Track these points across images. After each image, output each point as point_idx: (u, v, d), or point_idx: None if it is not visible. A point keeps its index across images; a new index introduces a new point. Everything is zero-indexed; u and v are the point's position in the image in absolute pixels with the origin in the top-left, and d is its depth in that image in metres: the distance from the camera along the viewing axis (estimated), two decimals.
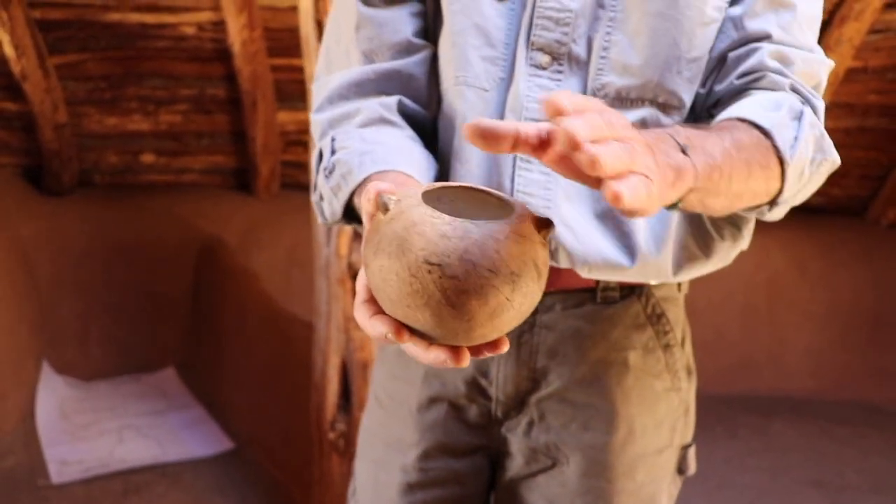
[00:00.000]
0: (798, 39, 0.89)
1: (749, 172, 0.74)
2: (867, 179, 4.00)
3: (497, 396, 0.99)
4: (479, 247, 0.56)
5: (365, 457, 1.10)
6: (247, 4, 3.04)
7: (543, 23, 0.89)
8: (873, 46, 3.35)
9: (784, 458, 3.30)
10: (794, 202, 0.84)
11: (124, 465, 2.89)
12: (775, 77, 0.86)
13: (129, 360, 3.62)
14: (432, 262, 0.55)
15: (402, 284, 0.56)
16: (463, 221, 0.57)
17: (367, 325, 0.61)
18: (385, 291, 0.58)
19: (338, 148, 0.88)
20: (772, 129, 0.77)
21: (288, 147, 3.74)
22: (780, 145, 0.77)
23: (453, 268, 0.55)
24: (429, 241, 0.56)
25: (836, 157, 0.86)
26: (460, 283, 0.55)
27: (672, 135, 0.66)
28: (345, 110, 0.93)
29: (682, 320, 1.02)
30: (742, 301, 3.93)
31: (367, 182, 0.81)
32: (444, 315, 0.56)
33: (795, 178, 0.80)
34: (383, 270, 0.57)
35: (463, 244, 0.56)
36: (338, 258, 2.11)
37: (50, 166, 3.58)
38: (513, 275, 0.56)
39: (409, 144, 0.89)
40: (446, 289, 0.55)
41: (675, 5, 0.87)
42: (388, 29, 0.94)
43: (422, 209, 0.58)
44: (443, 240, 0.56)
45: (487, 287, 0.56)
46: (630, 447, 0.98)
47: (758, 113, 0.79)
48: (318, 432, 2.28)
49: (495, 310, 0.57)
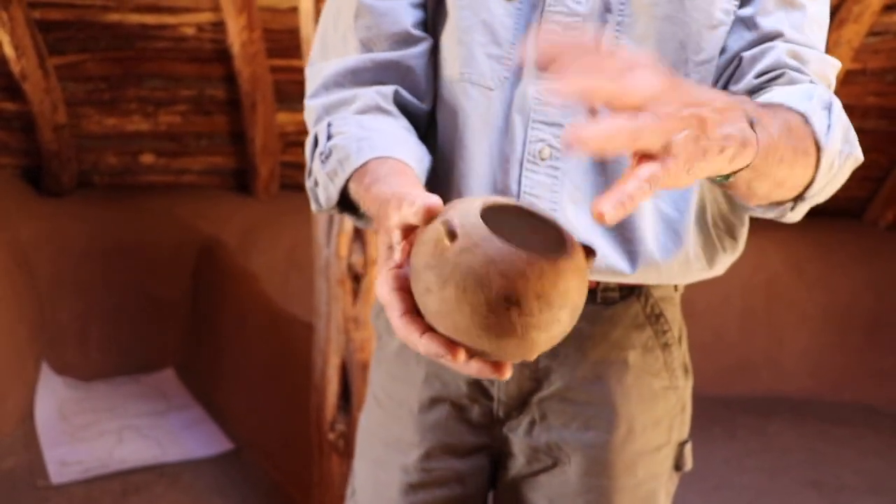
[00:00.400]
0: (810, 39, 0.89)
1: (794, 158, 0.72)
2: (865, 181, 4.01)
3: (499, 396, 1.00)
4: (553, 286, 0.59)
5: (364, 457, 1.10)
6: (246, 5, 3.04)
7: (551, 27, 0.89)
8: (872, 48, 3.36)
9: (782, 458, 3.31)
10: (817, 199, 0.81)
11: (124, 465, 2.89)
12: (794, 74, 0.85)
13: (128, 361, 3.62)
14: (511, 300, 0.58)
15: (477, 317, 0.59)
16: (538, 259, 0.59)
17: (418, 343, 0.62)
18: (452, 319, 0.60)
19: (334, 133, 0.88)
20: (808, 114, 0.75)
21: (287, 148, 3.75)
22: (818, 130, 0.75)
23: (531, 306, 0.58)
24: (508, 279, 0.58)
25: (860, 152, 0.83)
26: (534, 321, 0.59)
27: (742, 104, 0.64)
28: (341, 97, 0.93)
29: (679, 319, 1.03)
30: (740, 303, 3.94)
31: (366, 168, 0.81)
32: (509, 345, 0.60)
33: (827, 168, 0.77)
34: (453, 301, 0.59)
35: (540, 284, 0.59)
36: (338, 259, 2.11)
37: (49, 167, 3.58)
38: (574, 307, 0.61)
39: (404, 135, 0.89)
40: (522, 326, 0.59)
41: (682, 9, 0.87)
42: (387, 19, 0.94)
43: (496, 244, 0.59)
44: (521, 280, 0.58)
45: (553, 322, 0.60)
46: (630, 445, 0.99)
47: (793, 99, 0.77)
48: (318, 433, 2.28)
49: (554, 337, 0.62)
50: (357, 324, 2.13)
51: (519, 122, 0.90)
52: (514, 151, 0.91)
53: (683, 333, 1.04)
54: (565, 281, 0.60)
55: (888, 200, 4.00)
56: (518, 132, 0.90)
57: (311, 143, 0.92)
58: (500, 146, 0.91)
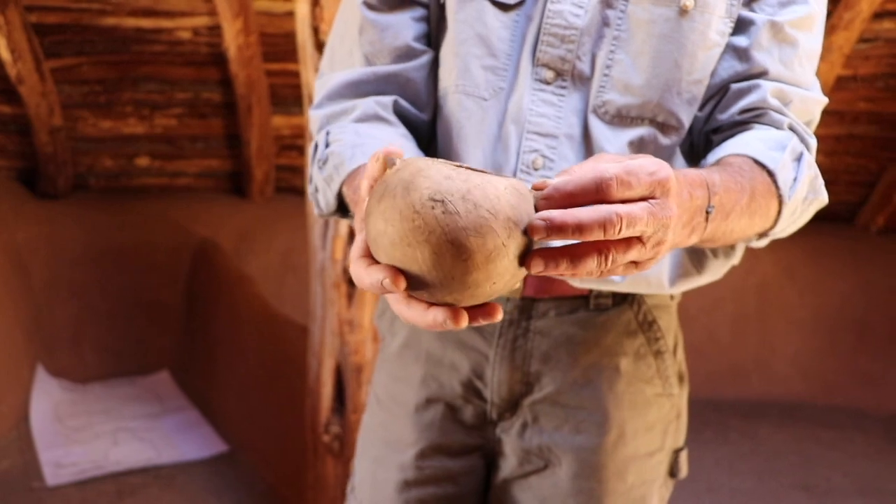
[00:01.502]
0: (797, 75, 0.92)
1: (751, 221, 0.79)
2: (856, 186, 4.04)
3: (492, 399, 1.02)
4: (481, 190, 0.59)
5: (364, 455, 1.13)
6: (243, 10, 3.06)
7: (549, 39, 0.91)
8: (863, 55, 3.39)
9: (773, 461, 3.34)
10: (781, 236, 0.89)
11: (118, 467, 2.90)
12: (775, 116, 0.90)
13: (123, 363, 3.62)
14: (436, 198, 0.58)
15: (405, 222, 0.59)
16: (466, 169, 0.61)
17: (364, 274, 0.60)
18: (387, 234, 0.60)
19: (332, 140, 0.91)
20: (776, 171, 0.82)
21: (282, 151, 3.76)
22: (781, 185, 0.82)
23: (456, 204, 0.58)
24: (434, 181, 0.59)
25: (825, 196, 0.91)
26: (461, 220, 0.58)
27: (710, 194, 0.71)
28: (342, 107, 0.96)
29: (674, 327, 1.04)
30: (732, 307, 3.96)
31: (356, 172, 0.84)
32: (442, 252, 0.58)
33: (788, 215, 0.85)
34: (387, 211, 0.60)
35: (466, 185, 0.59)
36: (333, 262, 2.13)
37: (45, 170, 3.59)
38: (509, 221, 0.59)
39: (401, 141, 0.91)
40: (447, 224, 0.58)
41: (678, 28, 0.89)
42: (389, 33, 0.96)
43: (427, 160, 0.62)
44: (447, 181, 0.59)
45: (486, 227, 0.58)
46: (621, 450, 1.00)
47: (763, 152, 0.83)
48: (313, 435, 2.30)
49: (492, 252, 0.59)
50: (352, 327, 2.15)
51: (513, 132, 0.92)
52: (507, 161, 0.93)
53: (679, 341, 1.06)
54: (497, 191, 0.59)
55: (879, 205, 4.03)
56: (512, 142, 0.92)
57: (312, 151, 0.95)
58: (494, 155, 0.93)
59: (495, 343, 1.00)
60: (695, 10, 0.89)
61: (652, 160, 0.60)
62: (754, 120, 0.91)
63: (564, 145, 0.91)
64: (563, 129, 0.91)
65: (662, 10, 0.89)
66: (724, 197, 0.73)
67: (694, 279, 0.97)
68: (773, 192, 0.82)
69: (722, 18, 0.91)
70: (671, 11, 0.89)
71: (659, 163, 0.60)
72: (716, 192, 0.72)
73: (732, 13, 0.91)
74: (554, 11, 0.90)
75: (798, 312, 4.00)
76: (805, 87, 0.94)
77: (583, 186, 0.57)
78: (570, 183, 0.57)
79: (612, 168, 0.57)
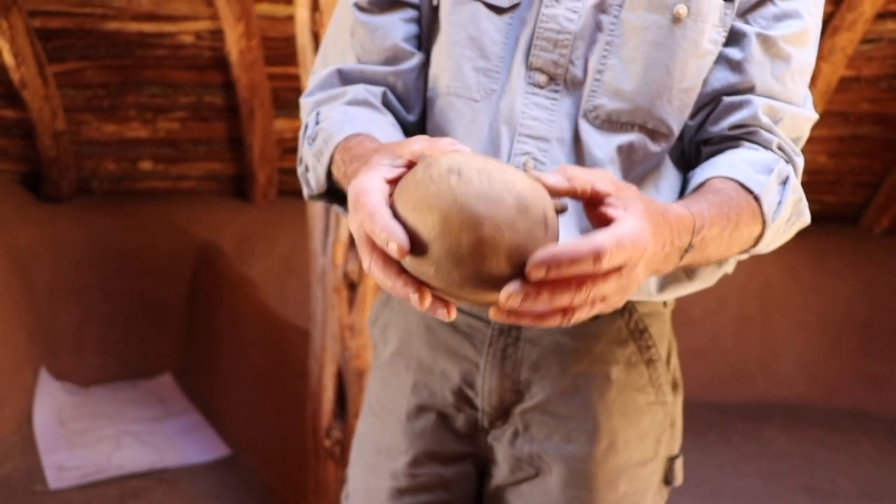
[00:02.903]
0: (789, 91, 0.93)
1: (729, 248, 0.82)
2: (860, 187, 4.03)
3: (483, 407, 1.02)
4: (499, 169, 0.63)
5: (358, 462, 1.13)
6: (245, 14, 3.06)
7: (542, 43, 0.91)
8: (866, 56, 3.38)
9: (776, 464, 3.32)
10: (763, 252, 0.91)
11: (121, 471, 2.90)
12: (765, 134, 0.91)
13: (126, 367, 3.63)
14: (453, 170, 0.62)
15: (421, 188, 0.62)
16: (487, 158, 0.65)
17: (378, 227, 0.63)
18: (407, 194, 0.64)
19: (321, 119, 0.92)
20: (761, 196, 0.84)
21: (285, 154, 3.76)
22: (766, 210, 0.84)
23: (471, 174, 0.62)
24: (454, 160, 0.63)
25: (808, 218, 0.93)
26: (474, 188, 0.61)
27: (695, 234, 0.74)
28: (332, 93, 0.96)
29: (667, 335, 1.04)
30: (735, 309, 3.95)
31: (346, 143, 0.84)
32: (451, 217, 0.61)
33: (770, 235, 0.87)
34: (410, 183, 0.64)
35: (483, 163, 0.63)
36: (334, 267, 2.13)
37: (48, 173, 3.60)
38: (521, 198, 0.62)
39: (389, 128, 0.91)
40: (461, 193, 0.61)
41: (671, 36, 0.89)
42: (379, 34, 0.97)
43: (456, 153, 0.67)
44: (465, 157, 0.64)
45: (499, 201, 0.61)
46: (612, 459, 1.00)
47: (750, 176, 0.85)
48: (314, 440, 2.30)
49: (501, 225, 0.61)
50: (353, 332, 2.15)
51: (505, 133, 0.92)
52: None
53: (673, 349, 1.05)
54: (514, 176, 0.63)
55: (883, 207, 4.02)
56: (504, 144, 0.92)
57: (302, 132, 0.96)
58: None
59: (485, 352, 1.00)
60: (688, 18, 0.89)
61: (639, 228, 0.64)
62: (744, 136, 0.91)
63: (556, 148, 0.91)
64: (554, 133, 0.91)
65: (656, 17, 0.89)
66: (707, 234, 0.76)
67: (684, 285, 0.97)
68: (757, 217, 0.84)
69: (715, 27, 0.91)
70: (664, 18, 0.89)
71: (642, 230, 0.64)
72: (700, 232, 0.75)
73: (726, 22, 0.91)
74: (548, 16, 0.91)
75: (802, 314, 3.98)
76: (796, 103, 0.94)
77: (580, 257, 0.61)
78: (566, 253, 0.60)
79: (607, 241, 0.61)
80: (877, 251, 4.06)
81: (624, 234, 0.62)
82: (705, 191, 0.83)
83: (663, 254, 0.70)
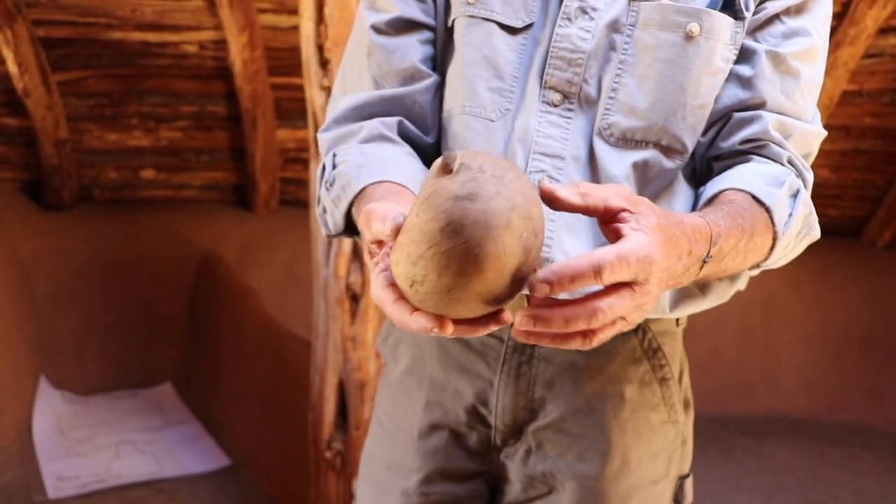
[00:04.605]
0: (799, 107, 0.94)
1: (744, 260, 0.82)
2: (863, 201, 4.03)
3: (496, 425, 1.02)
4: (492, 161, 0.65)
5: (367, 479, 1.13)
6: (248, 24, 3.07)
7: (556, 62, 0.92)
8: (868, 70, 3.39)
9: (778, 478, 3.31)
10: (771, 267, 0.92)
11: (121, 480, 2.89)
12: (776, 149, 0.92)
13: (126, 376, 3.62)
14: (462, 195, 0.63)
15: (426, 236, 0.63)
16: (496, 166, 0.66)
17: (409, 320, 0.66)
18: (411, 251, 0.64)
19: (338, 162, 0.92)
20: (772, 208, 0.84)
21: (287, 164, 3.77)
22: (777, 222, 0.85)
23: (478, 189, 0.62)
24: (449, 211, 0.63)
25: (818, 232, 0.95)
26: (479, 206, 0.62)
27: (712, 245, 0.75)
28: (348, 129, 0.97)
29: (679, 354, 1.04)
30: (737, 322, 3.95)
31: (364, 192, 0.85)
32: (454, 214, 0.61)
33: (781, 249, 0.87)
34: (418, 228, 0.64)
35: (490, 172, 0.64)
36: (336, 279, 2.13)
37: (50, 182, 3.60)
38: (515, 203, 0.63)
39: (406, 159, 0.92)
40: (459, 195, 0.62)
41: (684, 53, 0.90)
42: (396, 56, 0.97)
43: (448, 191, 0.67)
44: (459, 208, 0.63)
45: (496, 197, 0.62)
46: (624, 478, 1.00)
47: (761, 188, 0.86)
48: (315, 451, 2.29)
49: (499, 225, 0.61)
50: (355, 343, 2.14)
51: (520, 151, 0.93)
52: None
53: (685, 368, 1.06)
54: (514, 177, 0.64)
55: (886, 220, 4.02)
56: (519, 162, 0.93)
57: (319, 173, 0.96)
58: None
59: (499, 369, 1.00)
60: (700, 37, 0.90)
61: (645, 242, 0.65)
62: (755, 151, 0.92)
63: (570, 166, 0.92)
64: (569, 151, 0.92)
65: (669, 36, 0.90)
66: (724, 244, 0.77)
67: (698, 302, 0.97)
68: (769, 229, 0.85)
69: (727, 45, 0.91)
70: (677, 37, 0.90)
71: (648, 245, 0.65)
72: (717, 242, 0.75)
73: (737, 40, 0.92)
74: (562, 35, 0.92)
75: (804, 328, 3.98)
76: (806, 120, 0.95)
77: (581, 273, 0.62)
78: (568, 269, 0.62)
79: (608, 255, 0.63)
80: (879, 265, 4.06)
81: (628, 248, 0.64)
82: (719, 202, 0.84)
83: (682, 265, 0.71)
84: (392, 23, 0.98)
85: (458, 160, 0.65)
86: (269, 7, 3.11)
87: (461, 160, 0.65)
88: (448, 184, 0.63)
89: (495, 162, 0.65)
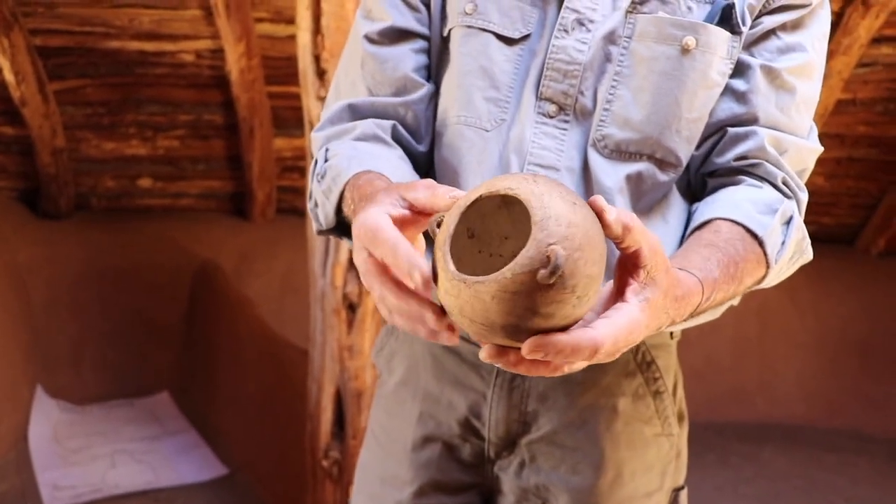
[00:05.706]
0: (794, 122, 0.94)
1: (735, 294, 0.84)
2: (857, 209, 4.05)
3: (489, 437, 1.02)
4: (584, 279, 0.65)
5: (361, 491, 1.12)
6: (245, 33, 3.08)
7: (552, 74, 0.92)
8: (862, 79, 3.41)
9: (775, 485, 3.31)
10: (763, 288, 0.92)
11: (117, 490, 2.89)
12: (770, 168, 0.92)
13: (122, 385, 3.62)
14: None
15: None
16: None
17: (405, 260, 0.64)
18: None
19: (330, 156, 0.92)
20: (764, 238, 0.85)
21: (284, 173, 3.78)
22: (769, 252, 0.86)
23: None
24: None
25: (810, 254, 0.95)
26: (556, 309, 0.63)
27: (704, 299, 0.76)
28: (342, 127, 0.97)
29: (673, 367, 1.04)
30: (733, 330, 3.95)
31: (355, 180, 0.85)
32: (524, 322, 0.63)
33: (774, 275, 0.88)
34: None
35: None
36: (333, 289, 2.13)
37: (47, 190, 3.60)
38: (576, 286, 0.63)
39: (397, 162, 0.92)
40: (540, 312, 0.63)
41: (680, 66, 0.90)
42: (389, 65, 0.98)
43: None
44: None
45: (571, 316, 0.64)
46: (618, 490, 1.00)
47: (753, 218, 0.86)
48: (312, 460, 2.29)
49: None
50: (352, 353, 2.15)
51: (515, 162, 0.93)
52: None
53: (679, 381, 1.06)
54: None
55: (880, 228, 4.04)
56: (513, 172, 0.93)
57: (312, 168, 0.96)
58: None
59: (493, 382, 1.00)
60: (696, 50, 0.90)
61: (636, 321, 0.67)
62: (749, 169, 0.92)
63: (565, 178, 0.92)
64: (564, 162, 0.92)
65: (664, 48, 0.90)
66: (716, 296, 0.79)
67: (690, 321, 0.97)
68: (761, 260, 0.86)
69: (723, 59, 0.92)
70: (673, 50, 0.90)
71: (640, 325, 0.67)
72: (710, 297, 0.78)
73: (733, 55, 0.92)
74: (558, 47, 0.92)
75: (799, 335, 3.99)
76: (801, 135, 0.95)
77: (579, 351, 0.64)
78: (569, 345, 0.63)
79: (606, 340, 0.65)
80: (874, 272, 4.07)
81: (621, 329, 0.66)
82: (712, 243, 0.84)
83: (668, 321, 0.73)
84: (385, 32, 0.98)
85: (560, 269, 0.62)
86: (266, 16, 3.12)
87: (563, 268, 0.62)
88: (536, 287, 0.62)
89: (587, 279, 0.64)
